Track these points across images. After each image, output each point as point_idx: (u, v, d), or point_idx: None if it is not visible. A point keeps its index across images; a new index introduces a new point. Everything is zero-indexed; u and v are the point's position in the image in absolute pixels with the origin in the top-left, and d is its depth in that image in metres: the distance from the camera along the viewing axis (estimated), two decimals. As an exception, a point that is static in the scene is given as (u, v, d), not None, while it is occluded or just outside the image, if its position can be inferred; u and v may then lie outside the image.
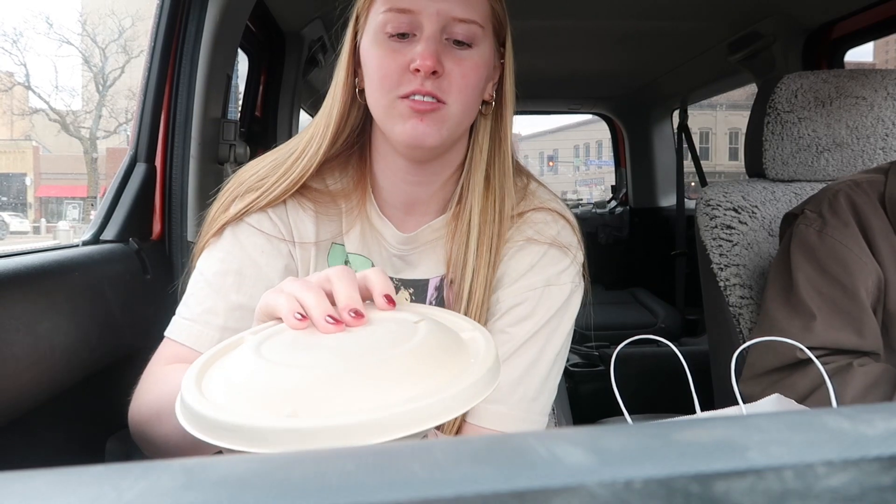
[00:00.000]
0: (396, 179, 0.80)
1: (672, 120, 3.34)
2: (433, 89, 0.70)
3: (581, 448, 0.17)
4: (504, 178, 0.79)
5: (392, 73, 0.71)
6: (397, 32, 0.71)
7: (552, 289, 0.78)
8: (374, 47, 0.73)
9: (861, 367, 0.89)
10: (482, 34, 0.73)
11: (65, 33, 35.64)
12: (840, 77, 1.28)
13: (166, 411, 0.61)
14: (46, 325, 0.80)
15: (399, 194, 0.81)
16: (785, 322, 0.97)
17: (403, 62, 0.70)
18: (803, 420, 0.19)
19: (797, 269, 0.98)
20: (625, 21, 2.02)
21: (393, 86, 0.71)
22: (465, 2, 0.72)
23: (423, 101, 0.70)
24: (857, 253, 0.95)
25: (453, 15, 0.71)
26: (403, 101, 0.71)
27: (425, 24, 0.71)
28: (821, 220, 0.99)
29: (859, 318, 0.93)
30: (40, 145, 21.53)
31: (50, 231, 17.70)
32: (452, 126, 0.73)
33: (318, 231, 0.80)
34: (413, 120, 0.71)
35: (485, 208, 0.78)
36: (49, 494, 0.16)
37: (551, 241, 0.80)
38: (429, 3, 0.71)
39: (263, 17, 1.79)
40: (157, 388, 0.69)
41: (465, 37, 0.72)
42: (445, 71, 0.71)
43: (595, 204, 3.91)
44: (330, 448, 0.19)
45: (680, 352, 0.67)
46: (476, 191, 0.78)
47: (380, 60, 0.72)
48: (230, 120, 1.39)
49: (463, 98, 0.72)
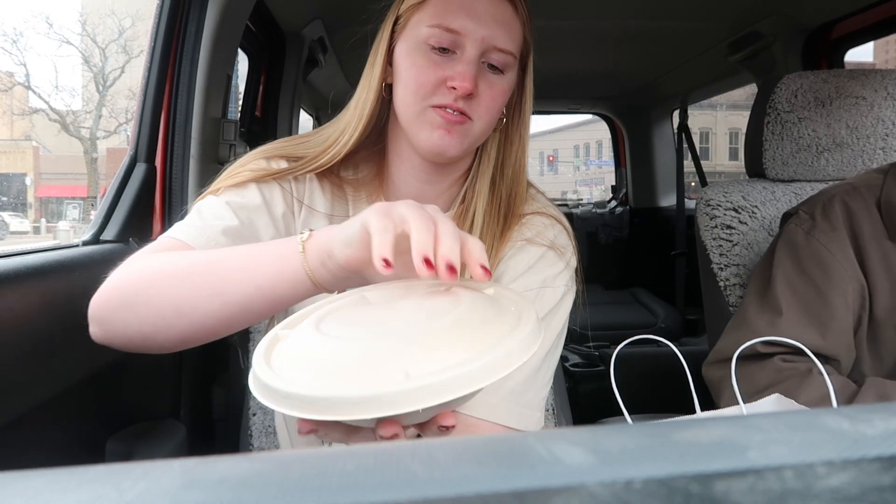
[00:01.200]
0: (409, 176, 0.85)
1: (672, 120, 3.34)
2: (464, 107, 0.75)
3: (581, 448, 0.17)
4: (513, 185, 0.84)
5: (428, 84, 0.75)
6: (440, 46, 0.76)
7: (546, 290, 0.81)
8: (415, 54, 0.77)
9: (819, 375, 0.87)
10: (513, 62, 0.79)
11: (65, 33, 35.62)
12: (840, 77, 1.28)
13: (143, 298, 0.62)
14: (47, 325, 0.80)
15: (409, 190, 0.85)
16: (754, 315, 0.98)
17: (441, 76, 0.75)
18: (803, 420, 0.19)
19: (777, 266, 1.00)
20: (625, 21, 2.02)
21: (427, 95, 0.76)
22: (507, 33, 0.77)
23: (453, 114, 0.75)
24: (840, 260, 0.95)
25: (495, 44, 0.76)
26: (435, 110, 0.76)
27: (468, 46, 0.75)
28: (811, 221, 1.00)
29: (825, 322, 0.93)
30: (40, 145, 21.53)
31: (50, 231, 17.70)
32: (474, 140, 0.79)
33: (333, 210, 0.84)
34: (441, 130, 0.76)
35: (489, 211, 0.82)
36: (49, 494, 0.16)
37: (549, 243, 0.83)
38: (476, 28, 0.75)
39: (263, 17, 1.79)
40: (138, 273, 0.66)
41: (500, 64, 0.77)
42: (478, 92, 0.76)
43: (595, 204, 3.90)
44: (330, 448, 0.19)
45: (680, 352, 0.67)
46: (482, 195, 0.83)
47: (418, 69, 0.76)
48: (230, 120, 1.39)
49: (488, 118, 0.78)
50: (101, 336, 0.67)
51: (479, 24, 0.75)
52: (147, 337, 0.64)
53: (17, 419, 0.75)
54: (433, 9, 0.76)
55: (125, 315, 0.64)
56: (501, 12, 0.76)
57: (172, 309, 0.62)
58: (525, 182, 0.87)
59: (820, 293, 0.94)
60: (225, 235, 0.73)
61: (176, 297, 0.62)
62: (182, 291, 0.61)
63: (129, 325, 0.64)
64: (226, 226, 0.74)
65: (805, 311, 0.94)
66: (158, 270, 0.64)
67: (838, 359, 0.94)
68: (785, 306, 0.95)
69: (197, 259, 0.64)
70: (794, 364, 0.91)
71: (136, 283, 0.64)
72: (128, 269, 0.66)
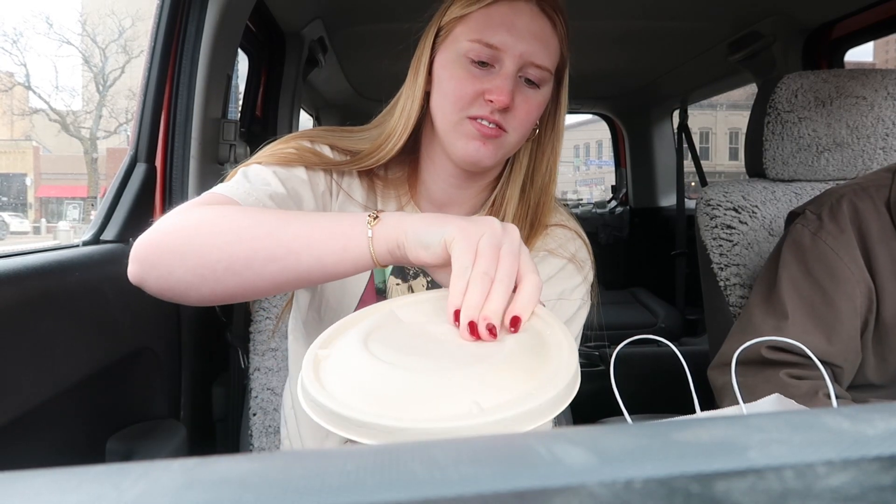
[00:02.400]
0: (440, 181, 0.87)
1: (672, 120, 3.34)
2: (500, 119, 0.77)
3: (581, 448, 0.17)
4: (542, 194, 0.87)
5: (466, 96, 0.77)
6: (479, 60, 0.77)
7: (563, 302, 0.84)
8: (454, 67, 0.78)
9: (825, 398, 0.87)
10: (548, 77, 0.80)
11: (65, 33, 35.64)
12: (840, 77, 1.28)
13: (195, 248, 0.61)
14: (46, 325, 0.80)
15: (439, 193, 0.87)
16: (759, 318, 0.97)
17: (479, 89, 0.77)
18: (803, 420, 0.19)
19: (783, 268, 0.99)
20: (625, 21, 2.02)
21: (465, 106, 0.77)
22: (545, 49, 0.78)
23: (488, 127, 0.77)
24: (847, 263, 0.94)
25: (532, 60, 0.77)
26: (471, 121, 0.77)
27: (507, 61, 0.77)
28: (818, 222, 0.98)
29: (832, 326, 0.92)
30: (40, 145, 21.53)
31: (50, 231, 17.70)
32: (507, 151, 0.81)
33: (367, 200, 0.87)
34: (476, 142, 0.78)
35: (517, 216, 0.85)
36: (49, 494, 0.16)
37: (570, 256, 0.87)
38: (515, 44, 0.77)
39: (263, 17, 1.79)
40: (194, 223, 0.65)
41: (536, 79, 0.79)
42: (515, 105, 0.78)
43: (595, 204, 3.90)
44: (330, 448, 0.19)
45: (680, 352, 0.67)
46: (511, 202, 0.86)
47: (458, 82, 0.78)
48: (230, 120, 1.39)
49: (522, 130, 0.80)
50: (140, 278, 0.65)
51: (519, 40, 0.76)
52: (191, 287, 0.63)
53: (17, 419, 0.75)
54: (474, 23, 0.78)
55: (172, 261, 0.62)
56: (540, 28, 0.78)
57: (225, 265, 0.61)
58: (553, 193, 0.88)
59: (826, 297, 0.93)
60: (272, 200, 0.73)
61: (231, 254, 0.61)
62: (239, 249, 0.61)
63: (174, 273, 0.63)
64: (273, 191, 0.74)
65: (811, 315, 0.93)
66: (214, 223, 0.63)
67: (843, 365, 0.93)
68: (791, 310, 0.94)
69: (258, 219, 0.63)
70: (799, 382, 0.90)
71: (190, 232, 0.63)
72: (181, 216, 0.65)
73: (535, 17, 0.78)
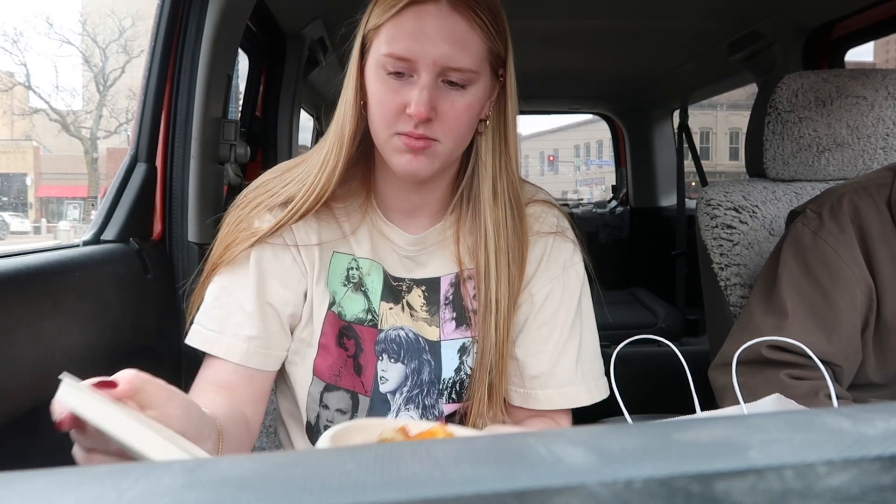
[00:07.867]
0: (396, 188, 0.84)
1: (672, 120, 3.34)
2: (425, 132, 0.74)
3: (581, 448, 0.17)
4: (512, 189, 0.84)
5: (389, 112, 0.74)
6: (395, 71, 0.74)
7: (569, 271, 0.87)
8: (376, 80, 0.76)
9: (826, 398, 0.86)
10: (474, 77, 0.75)
11: (65, 33, 35.67)
12: (840, 77, 1.28)
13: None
14: (47, 326, 0.80)
15: (401, 201, 0.85)
16: (760, 318, 0.97)
17: (400, 102, 0.74)
18: (804, 420, 0.19)
19: (784, 266, 0.98)
20: (625, 21, 2.02)
21: (390, 123, 0.75)
22: (463, 50, 0.73)
23: (416, 141, 0.74)
24: (848, 262, 0.94)
25: (449, 64, 0.73)
26: (399, 137, 0.75)
27: (422, 71, 0.73)
28: (819, 221, 0.98)
29: (832, 326, 0.92)
30: (41, 145, 21.54)
31: (50, 231, 17.72)
32: (445, 158, 0.78)
33: (321, 234, 0.84)
34: (408, 155, 0.75)
35: (496, 220, 0.82)
36: (49, 494, 0.16)
37: (555, 228, 0.87)
38: (427, 52, 0.72)
39: (264, 17, 1.79)
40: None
41: (460, 80, 0.75)
42: (439, 113, 0.74)
43: (595, 204, 3.90)
44: (330, 448, 0.19)
45: (680, 352, 0.67)
46: (486, 204, 0.82)
47: (380, 97, 0.75)
48: (231, 120, 1.39)
49: (455, 136, 0.76)
50: None
51: (432, 47, 0.72)
52: None
53: (17, 419, 0.75)
54: (385, 35, 0.74)
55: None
56: (454, 29, 0.73)
57: None
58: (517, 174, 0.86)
59: (826, 296, 0.93)
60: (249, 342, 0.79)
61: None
62: None
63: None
64: (247, 335, 0.79)
65: (811, 315, 0.93)
66: None
67: (843, 365, 0.93)
68: (791, 309, 0.94)
69: None
70: (800, 383, 0.90)
71: None
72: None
73: (446, 19, 0.72)
